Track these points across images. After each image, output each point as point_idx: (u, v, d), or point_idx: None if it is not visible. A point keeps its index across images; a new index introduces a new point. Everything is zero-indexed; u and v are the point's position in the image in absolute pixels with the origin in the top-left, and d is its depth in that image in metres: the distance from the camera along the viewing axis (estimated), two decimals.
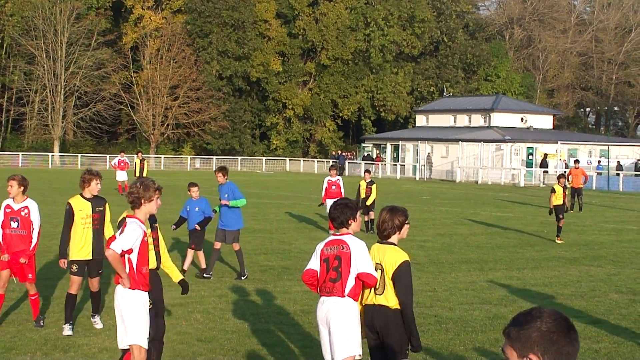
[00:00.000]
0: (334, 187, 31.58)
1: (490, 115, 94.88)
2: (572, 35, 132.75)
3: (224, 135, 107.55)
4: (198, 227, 20.91)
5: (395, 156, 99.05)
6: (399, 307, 9.54)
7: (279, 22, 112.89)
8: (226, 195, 21.38)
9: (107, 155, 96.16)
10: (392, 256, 9.81)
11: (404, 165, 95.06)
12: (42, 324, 14.71)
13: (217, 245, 20.98)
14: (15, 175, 14.74)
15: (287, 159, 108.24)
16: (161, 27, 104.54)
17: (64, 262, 14.63)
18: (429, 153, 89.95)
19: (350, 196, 26.61)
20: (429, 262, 23.97)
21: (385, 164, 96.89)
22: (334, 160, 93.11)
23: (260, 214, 37.67)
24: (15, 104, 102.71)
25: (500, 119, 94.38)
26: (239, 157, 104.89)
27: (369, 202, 31.62)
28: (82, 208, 14.43)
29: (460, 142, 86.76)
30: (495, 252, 26.68)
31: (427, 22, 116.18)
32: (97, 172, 14.71)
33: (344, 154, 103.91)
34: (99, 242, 14.63)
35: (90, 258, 14.53)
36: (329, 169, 33.64)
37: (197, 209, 21.36)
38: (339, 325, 9.50)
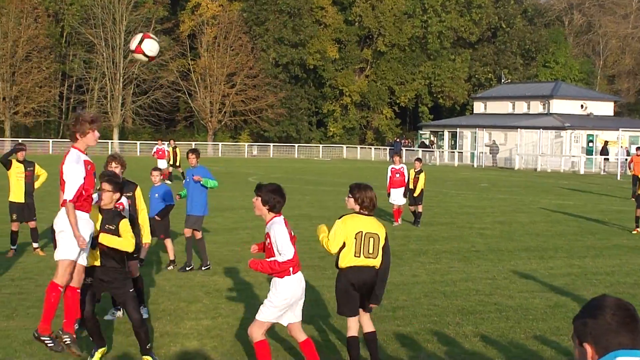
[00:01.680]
0: (397, 175, 30.54)
1: (549, 102, 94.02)
2: (633, 21, 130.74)
3: (280, 123, 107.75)
4: (158, 218, 19.52)
5: (452, 143, 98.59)
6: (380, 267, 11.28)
7: (336, 9, 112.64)
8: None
9: (165, 143, 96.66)
10: (382, 228, 11.40)
11: (462, 152, 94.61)
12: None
13: (188, 233, 19.98)
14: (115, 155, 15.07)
15: (344, 146, 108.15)
16: (218, 15, 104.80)
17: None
18: (494, 140, 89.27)
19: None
20: (488, 250, 23.81)
21: (442, 152, 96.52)
22: (392, 148, 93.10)
23: (317, 202, 37.70)
24: (75, 92, 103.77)
25: (559, 106, 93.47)
26: (296, 145, 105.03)
27: (416, 193, 30.25)
28: None
29: (518, 129, 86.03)
30: (556, 240, 26.44)
31: (485, 7, 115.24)
32: (118, 156, 14.79)
33: (399, 140, 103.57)
34: None
35: None
36: (392, 157, 32.57)
37: (156, 195, 19.96)
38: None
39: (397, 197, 30.20)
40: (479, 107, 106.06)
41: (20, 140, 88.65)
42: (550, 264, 21.59)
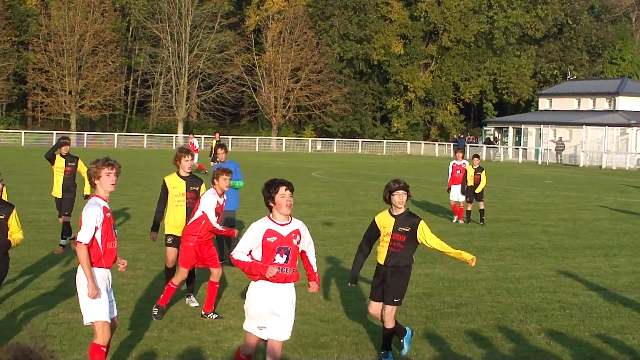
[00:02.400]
0: (458, 172, 29.74)
1: (615, 99, 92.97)
2: None
3: (345, 118, 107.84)
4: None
5: (517, 140, 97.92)
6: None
7: (401, 4, 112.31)
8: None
9: (230, 137, 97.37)
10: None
11: (526, 149, 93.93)
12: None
13: None
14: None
15: (408, 141, 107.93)
16: (283, 10, 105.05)
17: (154, 235, 15.45)
18: (560, 137, 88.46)
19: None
20: (552, 247, 23.66)
21: (507, 148, 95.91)
22: (456, 144, 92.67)
23: (381, 197, 37.56)
24: (141, 86, 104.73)
25: (625, 103, 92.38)
26: (360, 140, 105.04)
27: (477, 190, 29.19)
28: (175, 185, 15.03)
29: (584, 126, 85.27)
30: (620, 238, 26.19)
31: (551, 4, 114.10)
32: (187, 150, 15.09)
33: (463, 136, 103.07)
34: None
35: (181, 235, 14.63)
36: (455, 152, 31.81)
37: None
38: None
39: (457, 193, 29.69)
40: (544, 103, 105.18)
41: (85, 133, 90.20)
42: (615, 262, 21.41)
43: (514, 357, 12.30)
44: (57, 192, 21.25)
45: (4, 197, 13.80)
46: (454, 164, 30.29)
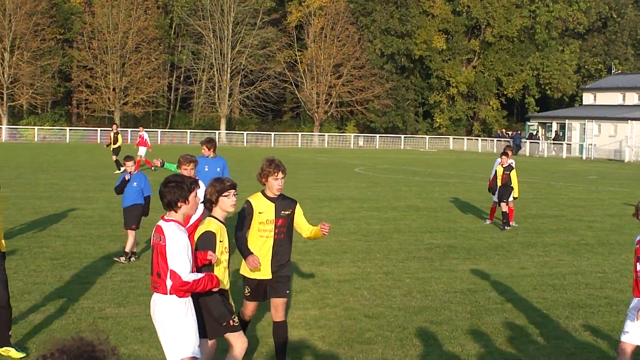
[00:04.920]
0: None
1: None
2: None
3: (387, 114, 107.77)
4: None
5: (560, 135, 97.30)
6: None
7: None
8: (217, 169, 18.91)
9: (272, 133, 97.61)
10: (200, 227, 9.59)
11: (570, 144, 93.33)
12: None
13: None
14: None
15: (451, 137, 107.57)
16: (325, 6, 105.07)
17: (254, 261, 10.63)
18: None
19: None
20: (598, 243, 23.49)
21: (550, 143, 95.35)
22: (507, 140, 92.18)
23: (424, 192, 37.59)
24: (184, 82, 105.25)
25: None
26: (402, 136, 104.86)
27: (516, 193, 26.84)
28: (262, 210, 10.77)
29: (629, 120, 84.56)
30: None
31: None
32: (278, 163, 10.83)
33: (519, 132, 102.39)
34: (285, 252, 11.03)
35: (270, 277, 10.87)
36: (504, 150, 29.53)
37: (134, 184, 18.98)
38: (162, 327, 8.73)
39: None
40: (588, 98, 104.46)
41: (129, 130, 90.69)
42: None
43: (560, 353, 12.23)
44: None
45: None
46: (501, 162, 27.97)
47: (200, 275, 8.62)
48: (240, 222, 10.72)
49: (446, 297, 15.72)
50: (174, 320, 8.58)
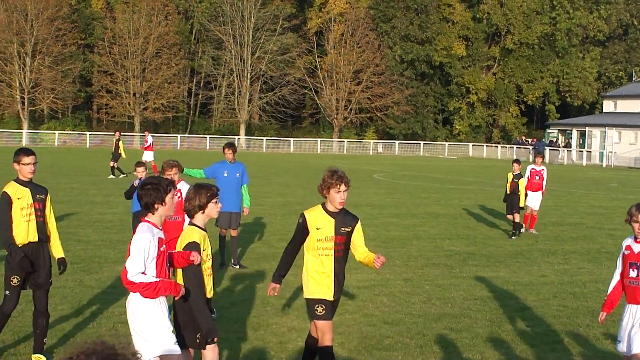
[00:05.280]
0: (537, 178, 27.90)
1: None
2: None
3: (406, 120, 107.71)
4: None
5: (581, 142, 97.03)
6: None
7: (463, 6, 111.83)
8: (237, 174, 19.06)
9: (292, 139, 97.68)
10: (182, 237, 9.30)
11: (590, 151, 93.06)
12: None
13: (224, 232, 19.15)
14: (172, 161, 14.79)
15: (470, 144, 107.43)
16: (345, 12, 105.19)
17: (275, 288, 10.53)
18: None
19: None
20: (618, 251, 23.20)
21: (570, 151, 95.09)
22: (527, 148, 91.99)
23: (443, 199, 37.54)
24: (204, 88, 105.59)
25: None
26: (421, 142, 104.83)
27: (522, 202, 26.42)
28: (320, 226, 10.14)
29: None
30: None
31: (615, 4, 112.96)
32: (342, 174, 10.14)
33: (543, 139, 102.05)
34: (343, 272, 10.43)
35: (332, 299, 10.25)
36: (535, 156, 28.38)
37: None
38: (131, 324, 8.91)
39: (535, 201, 27.75)
40: (608, 105, 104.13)
41: (149, 135, 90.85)
42: None
43: None
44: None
45: None
46: (533, 169, 28.12)
47: (154, 279, 8.64)
48: (293, 237, 10.38)
49: (466, 304, 15.69)
50: (143, 318, 8.72)
